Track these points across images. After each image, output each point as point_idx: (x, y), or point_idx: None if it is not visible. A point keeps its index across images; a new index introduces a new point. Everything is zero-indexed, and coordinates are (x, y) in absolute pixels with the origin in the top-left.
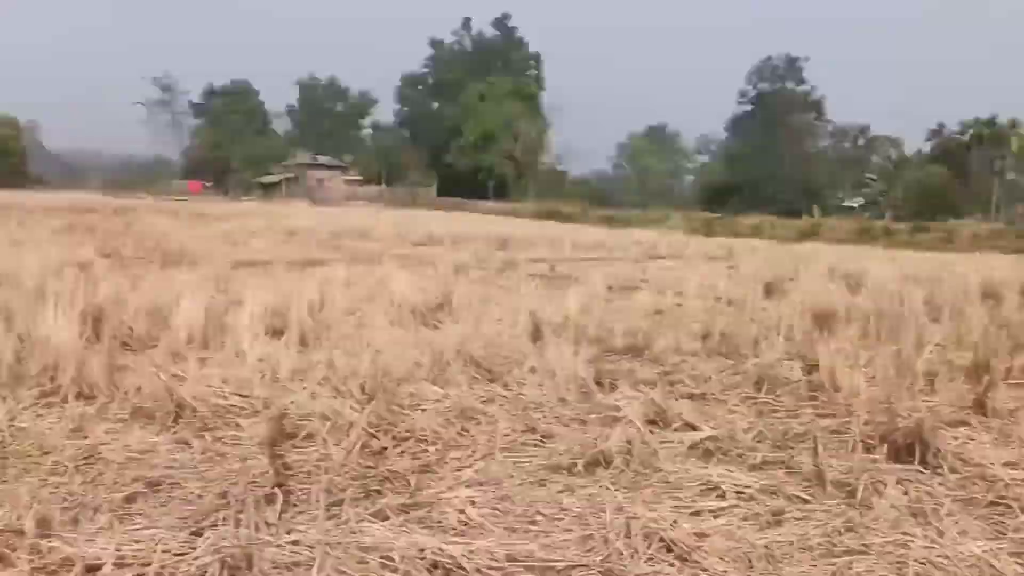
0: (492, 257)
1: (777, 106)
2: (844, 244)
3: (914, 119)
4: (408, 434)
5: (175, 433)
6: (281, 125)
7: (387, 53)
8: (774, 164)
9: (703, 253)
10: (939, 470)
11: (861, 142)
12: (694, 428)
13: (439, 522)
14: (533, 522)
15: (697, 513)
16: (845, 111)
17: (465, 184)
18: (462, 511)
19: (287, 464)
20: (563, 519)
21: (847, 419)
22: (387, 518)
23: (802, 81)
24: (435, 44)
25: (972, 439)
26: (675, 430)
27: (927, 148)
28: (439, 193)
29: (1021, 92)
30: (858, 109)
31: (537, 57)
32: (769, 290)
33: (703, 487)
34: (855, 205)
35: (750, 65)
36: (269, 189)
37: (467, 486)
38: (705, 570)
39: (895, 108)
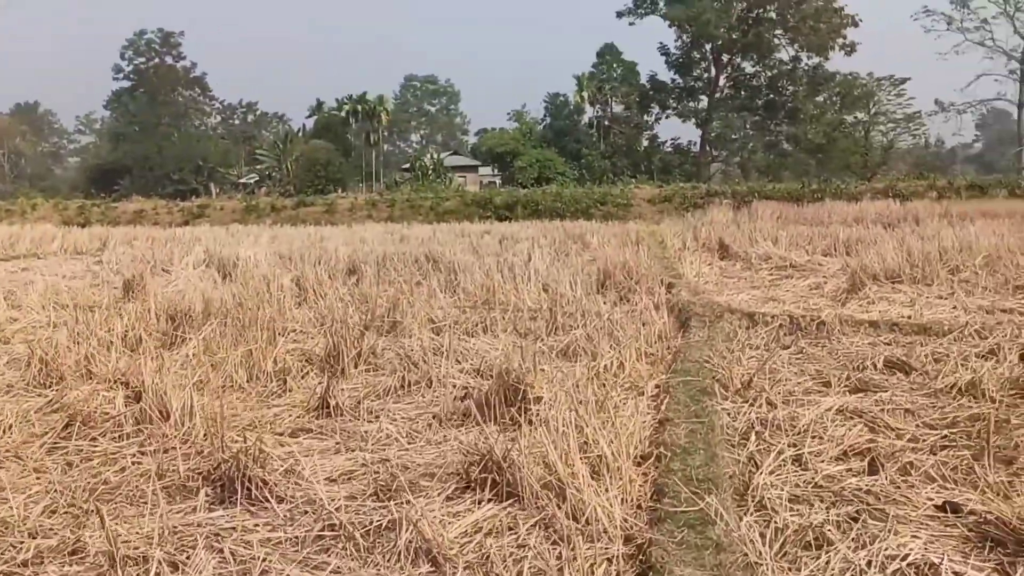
0: None
1: (157, 82)
2: (233, 223)
3: (299, 96)
4: None
5: None
6: None
7: None
8: (162, 143)
9: (73, 248)
10: (267, 505)
11: (251, 119)
12: None
13: None
14: None
15: None
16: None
17: None
18: None
19: None
20: None
21: (175, 457)
22: None
23: (181, 56)
24: None
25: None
26: None
27: (310, 124)
28: None
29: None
30: (245, 86)
31: None
32: (129, 288)
33: None
34: (250, 182)
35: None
36: None
37: None
38: None
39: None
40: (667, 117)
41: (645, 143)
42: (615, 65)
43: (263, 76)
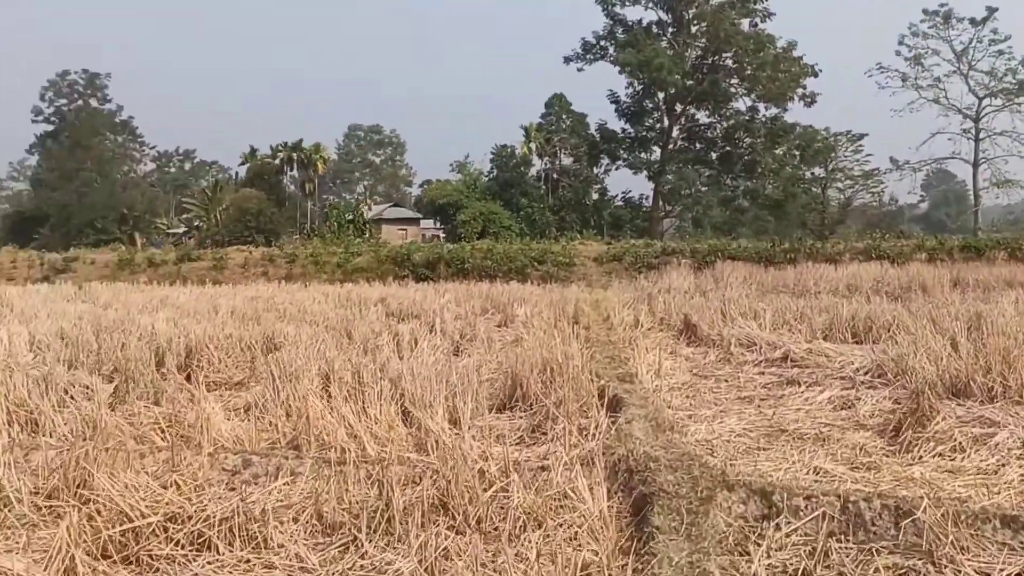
0: None
1: (80, 125)
2: (102, 279)
3: (242, 144)
4: None
5: None
6: None
7: None
8: (81, 190)
9: None
10: None
11: (188, 166)
12: None
13: None
14: None
15: None
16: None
17: None
18: None
19: None
20: None
21: None
22: None
23: (107, 99)
24: None
25: None
26: None
27: (243, 172)
28: None
29: (319, 119)
30: (186, 134)
31: None
32: None
33: None
34: (179, 231)
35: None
36: None
37: None
38: None
39: (216, 135)
40: (617, 168)
41: (595, 196)
42: (564, 116)
43: (203, 123)
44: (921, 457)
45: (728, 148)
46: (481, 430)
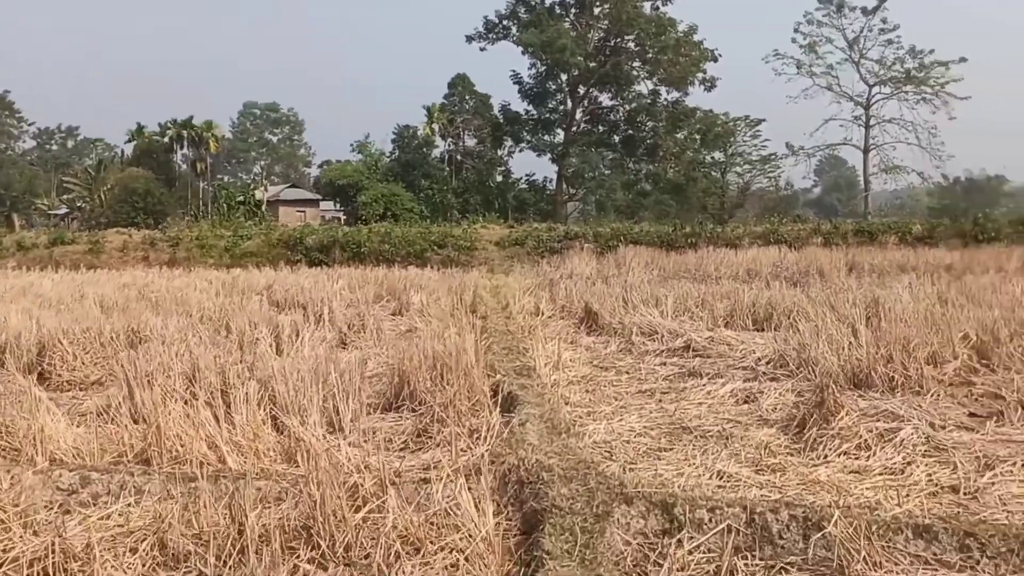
0: None
1: None
2: None
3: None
4: None
5: None
6: None
7: None
8: None
9: None
10: None
11: (71, 144)
12: None
13: None
14: None
15: None
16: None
17: None
18: None
19: None
20: None
21: None
22: None
23: None
24: None
25: None
26: None
27: (130, 150)
28: None
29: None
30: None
31: None
32: None
33: None
34: (59, 213)
35: None
36: None
37: None
38: None
39: (104, 110)
40: (521, 151)
41: (499, 179)
42: (467, 96)
43: (88, 100)
44: (826, 456)
45: (631, 131)
46: (363, 434)
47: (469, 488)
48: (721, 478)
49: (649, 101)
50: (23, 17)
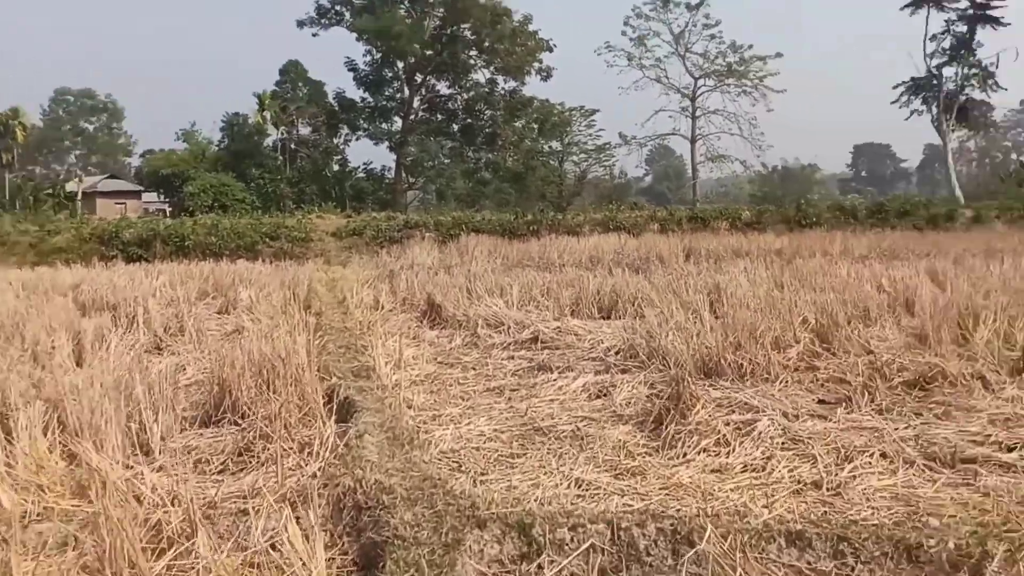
0: None
1: None
2: None
3: None
4: None
5: None
6: None
7: None
8: None
9: None
10: None
11: None
12: None
13: None
14: None
15: None
16: None
17: None
18: None
19: None
20: None
21: None
22: None
23: None
24: None
25: None
26: None
27: None
28: None
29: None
30: None
31: None
32: None
33: None
34: None
35: None
36: None
37: None
38: None
39: None
40: (358, 139)
41: (335, 168)
42: (301, 83)
43: None
44: (686, 455)
45: (469, 120)
46: (175, 455)
47: (297, 518)
48: (580, 487)
49: (487, 90)
50: None
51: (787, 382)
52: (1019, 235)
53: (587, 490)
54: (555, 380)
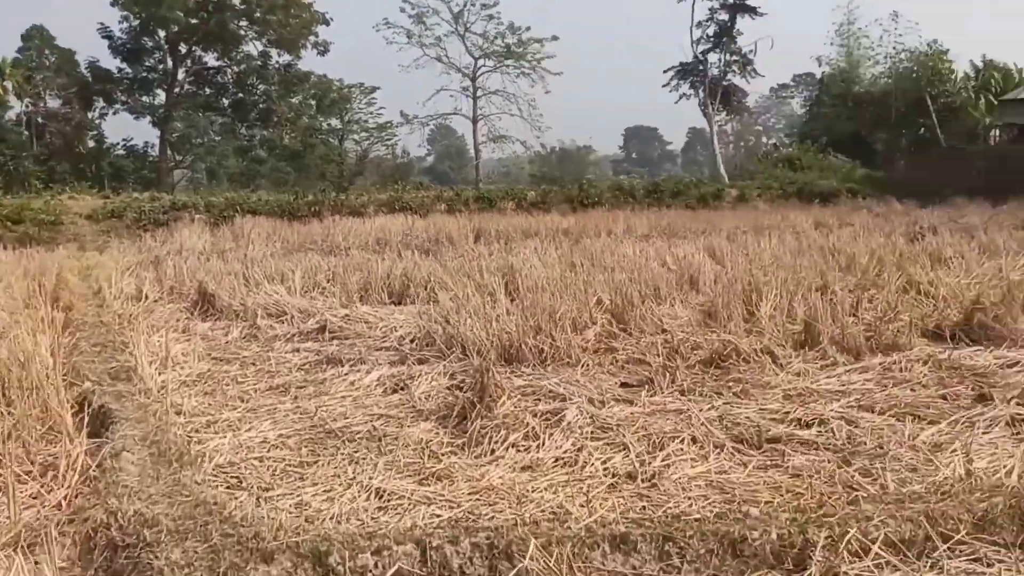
0: None
1: None
2: None
3: None
4: None
5: None
6: None
7: None
8: None
9: None
10: None
11: None
12: None
13: None
14: None
15: None
16: None
17: None
18: None
19: None
20: None
21: None
22: None
23: None
24: None
25: None
26: None
27: None
28: None
29: None
30: None
31: None
32: None
33: None
34: None
35: None
36: None
37: None
38: None
39: None
40: (116, 113)
41: (91, 144)
42: (47, 51)
43: None
44: (494, 451)
45: (241, 95)
46: None
47: (37, 563)
48: (381, 498)
49: (260, 63)
50: None
51: (588, 365)
52: (780, 212)
53: (389, 501)
54: (346, 375)
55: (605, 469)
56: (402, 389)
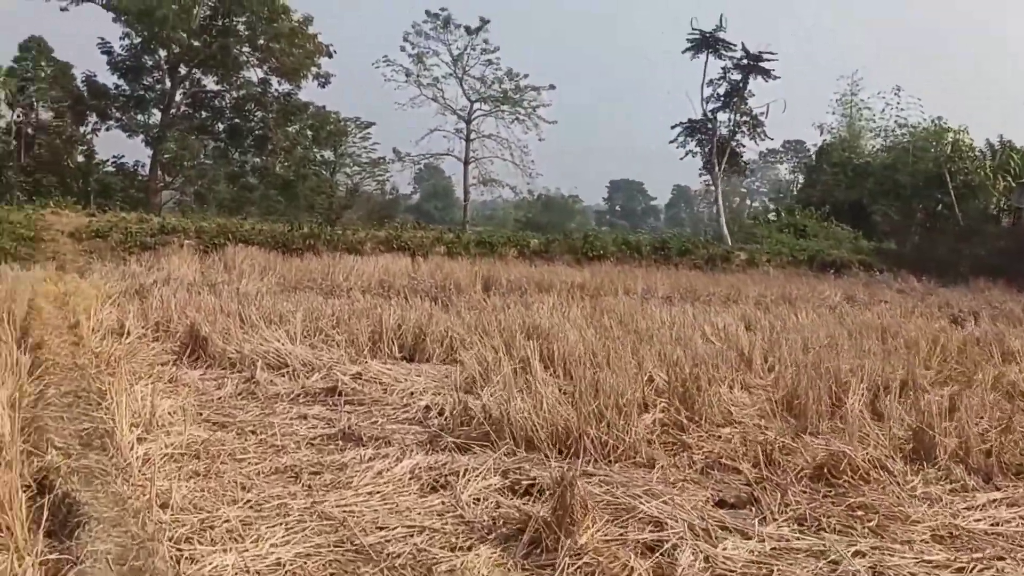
0: None
1: None
2: None
3: None
4: None
5: None
6: None
7: None
8: None
9: None
10: None
11: None
12: None
13: None
14: None
15: None
16: None
17: None
18: None
19: None
20: None
21: None
22: None
23: None
24: None
25: None
26: None
27: None
28: None
29: None
30: None
31: None
32: None
33: None
34: None
35: None
36: None
37: None
38: None
39: None
40: (108, 129)
41: (80, 159)
42: (44, 63)
43: None
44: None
45: (237, 120)
46: None
47: None
48: None
49: (259, 90)
50: None
51: (664, 468)
52: (796, 281)
53: None
54: (370, 460)
55: None
56: (443, 487)
